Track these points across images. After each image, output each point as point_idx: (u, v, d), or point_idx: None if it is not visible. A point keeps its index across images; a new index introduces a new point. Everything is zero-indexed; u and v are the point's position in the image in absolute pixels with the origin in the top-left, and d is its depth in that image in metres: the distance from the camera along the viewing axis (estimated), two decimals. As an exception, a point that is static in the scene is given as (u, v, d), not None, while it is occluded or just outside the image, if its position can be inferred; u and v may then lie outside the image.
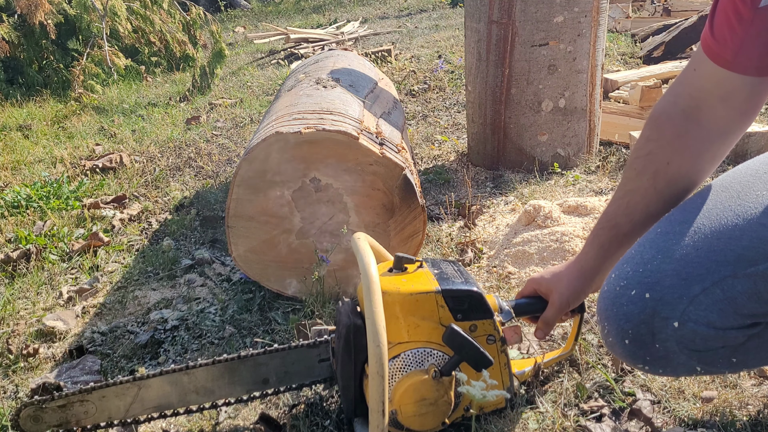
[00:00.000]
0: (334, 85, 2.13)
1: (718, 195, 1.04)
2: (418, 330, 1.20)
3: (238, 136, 3.74)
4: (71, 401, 1.26)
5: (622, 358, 1.09)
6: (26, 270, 2.18)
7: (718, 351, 1.01)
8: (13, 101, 4.90)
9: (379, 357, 1.05)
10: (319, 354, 1.34)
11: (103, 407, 1.27)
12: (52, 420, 1.26)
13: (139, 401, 1.28)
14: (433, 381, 1.17)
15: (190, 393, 1.30)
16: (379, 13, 8.76)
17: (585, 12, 2.52)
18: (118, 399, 1.27)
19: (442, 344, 1.19)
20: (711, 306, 0.97)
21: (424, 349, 1.20)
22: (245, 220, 1.77)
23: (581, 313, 1.40)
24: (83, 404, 1.26)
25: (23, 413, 1.25)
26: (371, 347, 1.06)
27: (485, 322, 1.23)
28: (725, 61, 1.02)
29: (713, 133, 1.10)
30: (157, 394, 1.29)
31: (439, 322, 1.21)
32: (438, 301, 1.20)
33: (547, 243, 1.95)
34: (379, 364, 1.05)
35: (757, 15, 0.95)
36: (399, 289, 1.20)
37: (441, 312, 1.21)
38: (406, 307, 1.19)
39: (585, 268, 1.25)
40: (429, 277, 1.24)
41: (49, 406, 1.25)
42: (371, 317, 1.07)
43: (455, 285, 1.22)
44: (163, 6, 5.72)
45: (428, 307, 1.20)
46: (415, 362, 1.19)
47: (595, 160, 2.79)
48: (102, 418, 1.28)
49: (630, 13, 6.00)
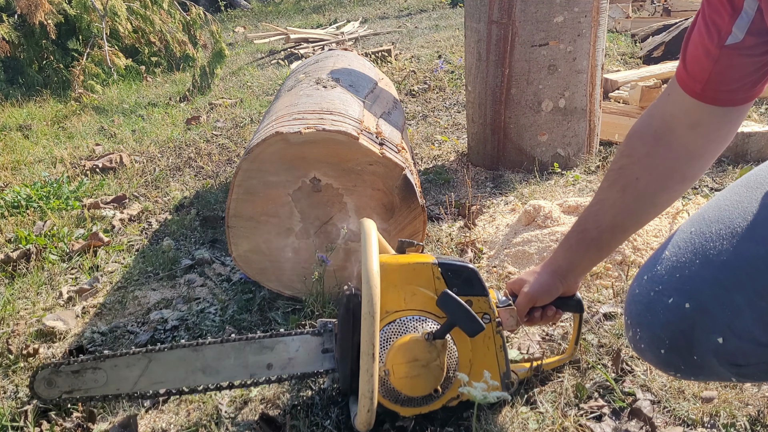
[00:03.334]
0: (334, 85, 2.13)
1: (754, 192, 0.99)
2: (414, 298, 1.25)
3: (238, 136, 3.74)
4: (85, 367, 1.29)
5: (652, 364, 1.07)
6: (26, 270, 2.18)
7: (759, 366, 0.96)
8: (13, 101, 4.90)
9: (371, 298, 1.08)
10: (323, 343, 1.35)
11: (114, 377, 1.30)
12: (65, 385, 1.29)
13: (148, 374, 1.30)
14: (425, 342, 1.19)
15: (197, 371, 1.32)
16: (379, 13, 8.76)
17: (585, 12, 2.52)
18: (129, 370, 1.30)
19: (437, 314, 1.23)
20: (756, 320, 0.90)
21: (419, 317, 1.24)
22: (245, 220, 1.77)
23: (580, 313, 1.40)
24: (95, 372, 1.29)
25: (39, 375, 1.28)
26: (364, 288, 1.09)
27: (481, 299, 1.27)
28: (695, 92, 1.06)
29: (683, 157, 1.13)
30: (166, 368, 1.31)
31: (435, 292, 1.25)
32: (434, 272, 1.25)
33: (547, 243, 1.95)
34: (370, 304, 1.08)
35: (723, 52, 0.99)
36: (398, 260, 1.25)
37: (437, 283, 1.25)
38: (404, 276, 1.24)
39: (555, 267, 1.30)
40: (427, 255, 1.30)
41: (64, 370, 1.28)
42: (365, 263, 1.10)
43: (452, 260, 1.28)
44: (163, 6, 5.72)
45: (425, 276, 1.25)
46: (410, 328, 1.23)
47: (595, 160, 2.79)
48: (111, 389, 1.30)
49: (630, 13, 6.00)
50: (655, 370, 1.42)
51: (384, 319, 1.23)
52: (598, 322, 1.62)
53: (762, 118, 3.11)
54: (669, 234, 1.91)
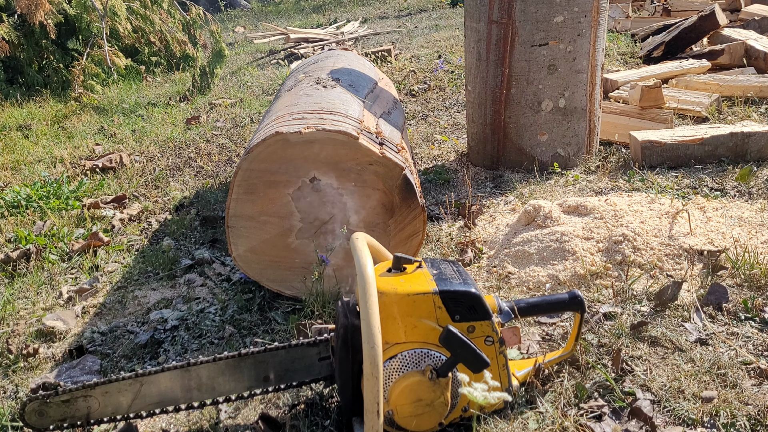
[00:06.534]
0: (334, 85, 2.13)
1: None
2: (415, 331, 1.20)
3: (238, 136, 3.74)
4: (75, 396, 1.27)
5: None
6: (26, 270, 2.18)
7: None
8: (13, 101, 4.90)
9: (374, 358, 1.05)
10: (319, 352, 1.34)
11: (106, 402, 1.28)
12: (56, 415, 1.27)
13: (141, 397, 1.29)
14: (429, 382, 1.17)
15: (192, 390, 1.31)
16: (379, 13, 8.76)
17: (585, 12, 2.52)
18: (121, 395, 1.28)
19: (440, 345, 1.19)
20: None
21: (422, 350, 1.20)
22: (245, 220, 1.77)
23: (582, 312, 1.40)
24: (86, 399, 1.27)
25: (28, 407, 1.26)
26: (366, 349, 1.06)
27: (483, 323, 1.23)
28: None
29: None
30: (159, 390, 1.29)
31: (436, 322, 1.20)
32: (435, 302, 1.20)
33: (547, 243, 1.95)
34: (373, 366, 1.05)
35: None
36: (396, 290, 1.20)
37: (438, 313, 1.20)
38: (404, 308, 1.19)
39: None
40: (427, 278, 1.24)
41: (53, 401, 1.26)
42: (366, 319, 1.07)
43: (453, 286, 1.22)
44: (163, 6, 5.72)
45: (426, 308, 1.20)
46: (412, 363, 1.19)
47: (595, 159, 2.79)
48: (105, 413, 1.29)
49: (630, 13, 6.00)
50: (655, 369, 1.42)
51: (385, 352, 1.19)
52: (598, 322, 1.62)
53: (762, 118, 3.11)
54: (669, 234, 1.91)
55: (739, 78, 3.52)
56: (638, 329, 1.57)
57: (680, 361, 1.45)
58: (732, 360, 1.43)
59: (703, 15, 4.26)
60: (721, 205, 2.21)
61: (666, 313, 1.63)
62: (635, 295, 1.72)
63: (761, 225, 2.02)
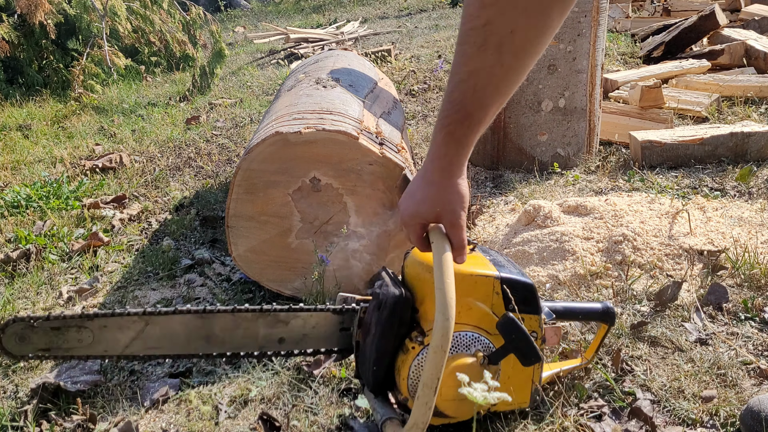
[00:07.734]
0: (334, 85, 2.13)
1: None
2: (470, 313, 1.16)
3: (238, 136, 3.74)
4: (68, 324, 1.13)
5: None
6: (26, 270, 2.18)
7: None
8: (13, 101, 4.90)
9: (446, 330, 0.99)
10: (342, 321, 1.27)
11: (101, 338, 1.15)
12: (40, 342, 1.13)
13: (142, 339, 1.17)
14: (479, 367, 1.13)
15: (200, 339, 1.21)
16: (379, 13, 8.76)
17: (585, 12, 2.52)
18: (120, 332, 1.16)
19: (491, 332, 1.16)
20: None
21: (473, 333, 1.16)
22: (245, 220, 1.77)
23: (610, 326, 1.38)
24: (80, 330, 1.14)
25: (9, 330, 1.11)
26: (439, 320, 1.00)
27: (532, 318, 1.20)
28: None
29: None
30: (164, 333, 1.19)
31: (491, 308, 1.17)
32: (495, 286, 1.16)
33: (547, 243, 1.95)
34: (444, 339, 0.99)
35: None
36: (459, 269, 1.14)
37: (495, 299, 1.17)
38: (464, 287, 1.14)
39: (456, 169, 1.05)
40: (486, 262, 1.20)
41: (41, 326, 1.12)
42: (442, 289, 1.01)
43: (513, 274, 1.19)
44: (163, 6, 5.72)
45: (484, 291, 1.17)
46: (462, 345, 1.16)
47: (595, 159, 2.79)
48: (96, 350, 1.16)
49: (630, 13, 6.00)
50: (655, 369, 1.42)
51: None
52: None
53: (762, 118, 3.11)
54: (669, 233, 1.91)
55: (739, 78, 3.52)
56: (638, 329, 1.57)
57: (680, 361, 1.45)
58: (732, 360, 1.43)
59: (703, 15, 4.26)
60: (721, 205, 2.21)
61: (666, 313, 1.63)
62: (635, 295, 1.72)
63: (761, 225, 2.02)
